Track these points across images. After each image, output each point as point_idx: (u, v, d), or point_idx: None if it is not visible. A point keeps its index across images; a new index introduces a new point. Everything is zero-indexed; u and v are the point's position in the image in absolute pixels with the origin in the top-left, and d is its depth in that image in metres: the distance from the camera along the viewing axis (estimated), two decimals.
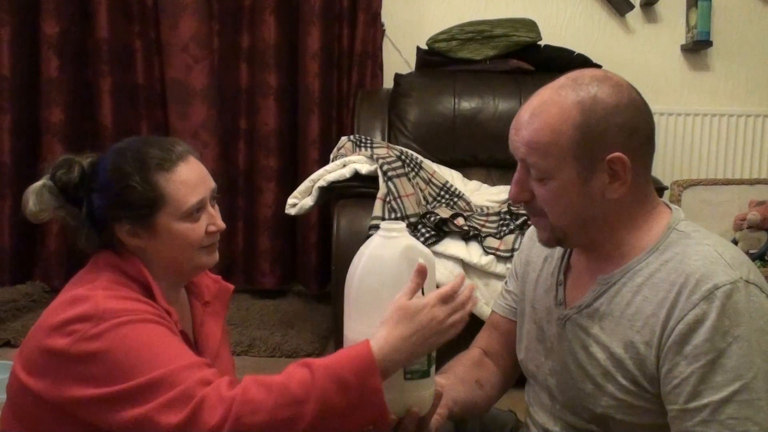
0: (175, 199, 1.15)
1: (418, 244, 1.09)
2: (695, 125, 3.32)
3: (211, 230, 1.20)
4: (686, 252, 1.05)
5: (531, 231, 1.30)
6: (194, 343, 1.26)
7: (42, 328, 1.08)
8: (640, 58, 3.36)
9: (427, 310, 1.02)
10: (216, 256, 1.23)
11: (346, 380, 0.97)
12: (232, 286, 1.37)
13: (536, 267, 1.27)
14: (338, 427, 0.99)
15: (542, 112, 1.06)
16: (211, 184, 1.22)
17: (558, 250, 1.22)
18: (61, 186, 1.16)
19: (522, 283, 1.30)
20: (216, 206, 1.24)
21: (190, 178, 1.17)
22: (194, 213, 1.17)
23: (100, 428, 1.04)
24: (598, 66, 3.07)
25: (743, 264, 1.03)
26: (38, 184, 1.16)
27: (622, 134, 1.04)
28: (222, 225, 1.22)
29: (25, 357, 1.10)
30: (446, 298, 1.04)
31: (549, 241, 1.13)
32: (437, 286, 1.09)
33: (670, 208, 1.13)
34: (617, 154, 1.03)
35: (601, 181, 1.05)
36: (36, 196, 1.15)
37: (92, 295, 1.07)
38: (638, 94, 1.09)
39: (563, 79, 1.09)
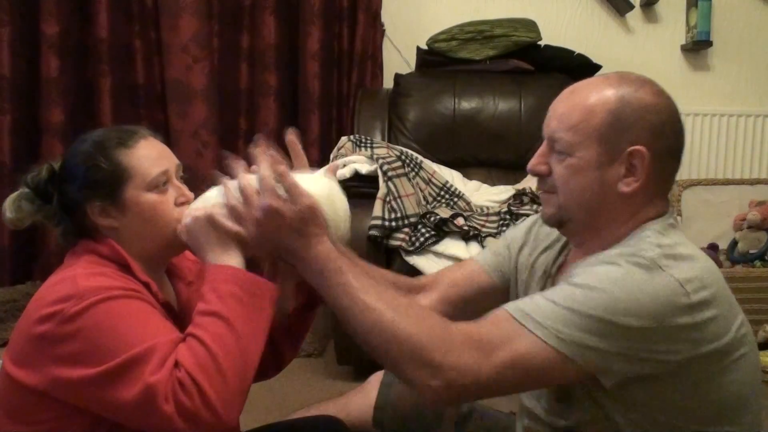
0: (139, 171, 1.18)
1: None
2: (695, 125, 3.32)
3: (180, 201, 1.22)
4: (637, 241, 1.06)
5: (533, 218, 1.34)
6: (182, 321, 1.26)
7: (27, 318, 1.10)
8: (640, 58, 3.36)
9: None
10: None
11: (233, 295, 1.06)
12: None
13: (534, 252, 1.29)
14: (257, 326, 1.07)
15: (582, 91, 1.12)
16: (176, 160, 1.24)
17: (558, 245, 1.25)
18: (33, 188, 1.21)
19: (515, 260, 1.33)
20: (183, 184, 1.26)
21: (151, 152, 1.21)
22: (160, 184, 1.19)
23: (94, 418, 1.06)
24: (598, 66, 3.08)
25: (679, 269, 1.01)
26: (14, 195, 1.21)
27: (649, 132, 1.07)
28: (190, 195, 1.23)
29: (13, 350, 1.11)
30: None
31: (551, 218, 1.15)
32: None
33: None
34: (640, 147, 1.06)
35: (617, 171, 1.07)
36: (13, 205, 1.20)
37: (70, 276, 1.10)
38: (677, 110, 1.12)
39: (611, 73, 1.14)
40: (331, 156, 2.65)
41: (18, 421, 1.11)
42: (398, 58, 3.32)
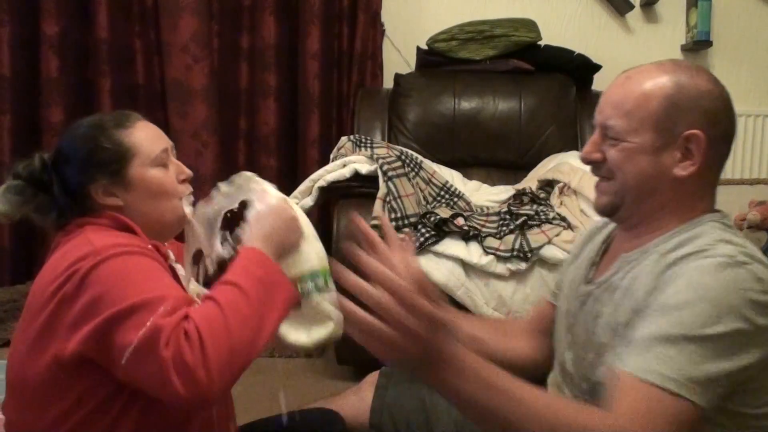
0: (142, 149, 1.21)
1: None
2: None
3: (181, 178, 1.26)
4: (701, 234, 1.06)
5: (588, 231, 1.36)
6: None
7: (40, 293, 1.09)
8: (640, 58, 3.34)
9: (284, 200, 1.22)
10: (191, 209, 1.28)
11: (258, 275, 1.09)
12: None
13: (577, 253, 1.32)
14: (272, 315, 1.08)
15: (637, 78, 1.12)
16: (170, 141, 1.28)
17: (600, 236, 1.27)
18: (26, 177, 1.21)
19: (565, 269, 1.35)
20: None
21: (150, 132, 1.25)
22: (163, 160, 1.23)
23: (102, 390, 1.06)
24: (598, 66, 3.08)
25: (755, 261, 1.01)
26: (2, 187, 1.21)
27: (705, 118, 1.08)
28: (189, 171, 1.28)
29: (27, 335, 1.11)
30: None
31: (606, 206, 1.16)
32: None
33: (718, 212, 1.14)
34: (696, 131, 1.07)
35: (672, 156, 1.09)
36: (2, 198, 1.20)
37: (83, 239, 1.11)
38: (730, 97, 1.13)
39: (666, 60, 1.15)
40: (331, 156, 2.65)
41: (33, 408, 1.12)
42: (398, 58, 3.32)
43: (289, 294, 1.13)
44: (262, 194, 1.26)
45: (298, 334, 1.19)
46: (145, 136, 1.23)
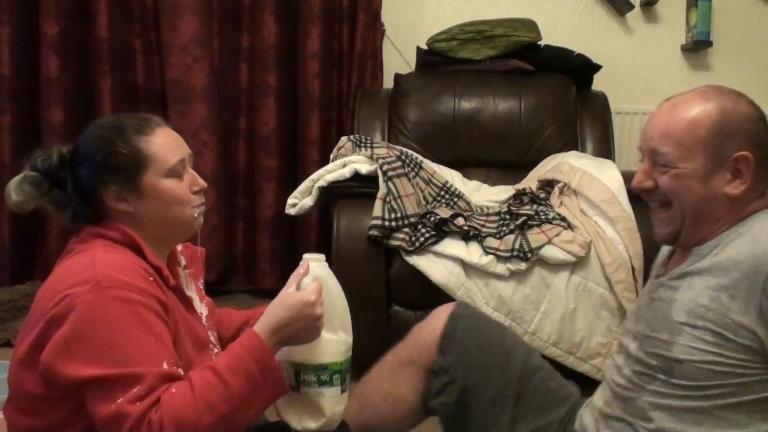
0: (158, 158, 1.21)
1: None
2: None
3: (194, 189, 1.25)
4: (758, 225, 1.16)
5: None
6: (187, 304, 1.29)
7: (42, 306, 1.10)
8: (640, 58, 3.36)
9: (303, 304, 1.13)
10: (201, 219, 1.28)
11: (250, 371, 1.07)
12: (203, 249, 1.42)
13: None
14: (251, 411, 1.09)
15: (684, 106, 1.21)
16: (188, 149, 1.27)
17: (665, 249, 1.36)
18: (43, 171, 1.21)
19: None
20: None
21: (168, 140, 1.24)
22: (178, 171, 1.22)
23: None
24: (598, 66, 3.08)
25: None
26: (17, 177, 1.21)
27: (750, 140, 1.18)
28: (203, 183, 1.27)
29: (24, 343, 1.12)
30: (320, 295, 1.15)
31: (669, 236, 1.25)
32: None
33: None
34: (744, 152, 1.17)
35: (723, 177, 1.18)
36: (17, 187, 1.20)
37: (89, 260, 1.11)
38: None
39: (705, 87, 1.24)
40: (331, 156, 2.65)
41: (29, 415, 1.12)
42: (398, 58, 3.32)
43: (279, 392, 1.13)
44: (300, 280, 1.19)
45: (289, 414, 1.19)
46: (163, 144, 1.22)
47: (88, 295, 1.05)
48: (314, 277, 1.18)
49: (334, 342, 1.19)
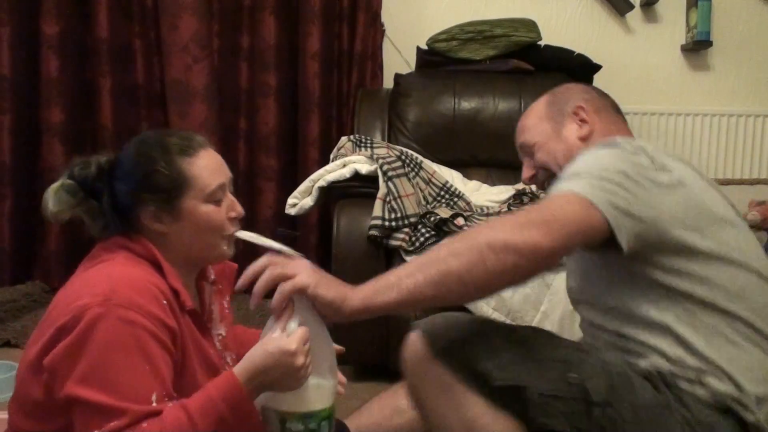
0: (199, 182, 1.19)
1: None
2: (695, 125, 3.32)
3: (232, 215, 1.24)
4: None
5: None
6: (204, 322, 1.28)
7: (57, 311, 1.10)
8: (640, 58, 3.36)
9: (283, 353, 1.08)
10: (233, 248, 1.27)
11: (222, 414, 1.06)
12: (235, 265, 1.39)
13: None
14: None
15: (526, 111, 1.48)
16: (229, 173, 1.26)
17: None
18: (80, 181, 1.19)
19: None
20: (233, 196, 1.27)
21: (211, 164, 1.21)
22: (217, 196, 1.21)
23: None
24: (598, 66, 3.08)
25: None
26: (56, 184, 1.19)
27: (581, 98, 1.41)
28: (241, 210, 1.25)
29: (36, 346, 1.11)
30: (305, 343, 1.09)
31: (543, 184, 1.42)
32: None
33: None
34: (579, 104, 1.39)
35: (571, 129, 1.38)
36: (55, 196, 1.18)
37: (106, 273, 1.11)
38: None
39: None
40: (331, 156, 2.65)
41: (31, 419, 1.12)
42: (398, 58, 3.32)
43: None
44: (288, 324, 1.12)
45: None
46: (205, 167, 1.20)
47: (97, 309, 1.05)
48: (300, 321, 1.11)
49: (322, 387, 1.14)
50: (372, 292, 1.07)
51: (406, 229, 2.24)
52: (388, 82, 3.20)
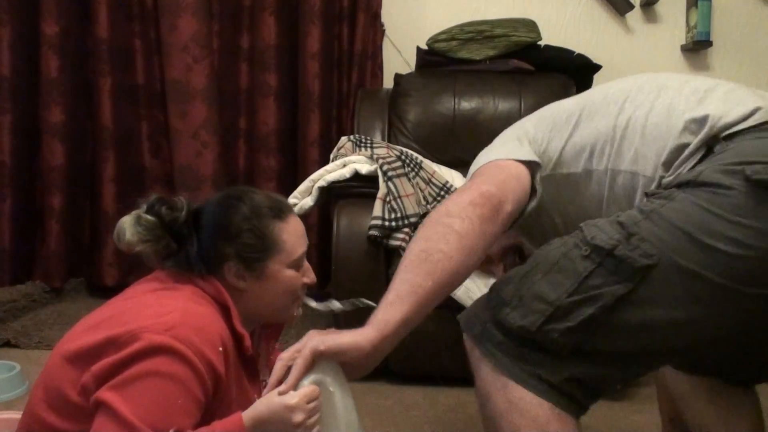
0: (287, 247, 1.22)
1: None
2: None
3: (306, 282, 1.27)
4: None
5: None
6: (256, 368, 1.29)
7: (112, 325, 1.10)
8: (640, 58, 3.36)
9: (282, 407, 1.06)
10: (300, 312, 1.30)
11: None
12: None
13: None
14: None
15: None
16: (307, 241, 1.30)
17: None
18: (167, 221, 1.19)
19: None
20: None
21: (299, 230, 1.26)
22: (300, 262, 1.24)
23: None
24: (598, 66, 3.08)
25: None
26: (132, 216, 1.19)
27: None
28: (314, 279, 1.28)
29: (77, 346, 1.11)
30: (310, 401, 1.07)
31: None
32: None
33: None
34: None
35: None
36: (133, 228, 1.18)
37: (173, 304, 1.11)
38: None
39: None
40: (331, 156, 2.65)
41: (58, 414, 1.12)
42: (398, 58, 3.32)
43: None
44: (299, 377, 1.08)
45: None
46: (293, 233, 1.23)
47: (155, 335, 1.05)
48: (315, 380, 1.07)
49: None
50: (381, 316, 1.06)
51: (406, 229, 2.24)
52: (388, 82, 3.20)
